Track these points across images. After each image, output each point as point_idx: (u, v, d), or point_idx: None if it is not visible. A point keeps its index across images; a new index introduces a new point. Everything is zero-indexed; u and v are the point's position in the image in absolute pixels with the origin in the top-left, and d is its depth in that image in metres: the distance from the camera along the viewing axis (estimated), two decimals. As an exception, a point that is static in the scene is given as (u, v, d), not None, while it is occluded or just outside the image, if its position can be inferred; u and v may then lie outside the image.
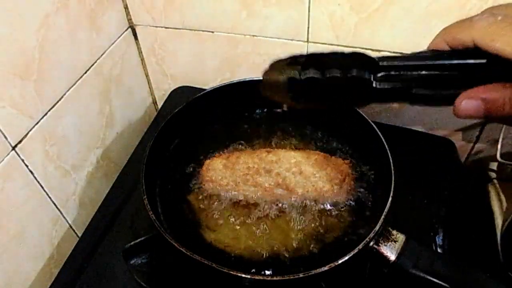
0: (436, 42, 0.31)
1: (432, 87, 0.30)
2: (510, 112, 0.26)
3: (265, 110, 0.63)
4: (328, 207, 0.49)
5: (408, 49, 0.34)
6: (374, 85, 0.32)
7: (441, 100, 0.30)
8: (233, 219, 0.49)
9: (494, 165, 0.66)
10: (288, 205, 0.49)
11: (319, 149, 0.56)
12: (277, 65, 0.38)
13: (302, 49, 0.66)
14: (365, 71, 0.32)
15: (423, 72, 0.31)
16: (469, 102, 0.27)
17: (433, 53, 0.31)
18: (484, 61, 0.28)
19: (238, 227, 0.48)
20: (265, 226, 0.48)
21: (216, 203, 0.50)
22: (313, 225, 0.48)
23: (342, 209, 0.49)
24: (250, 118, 0.62)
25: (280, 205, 0.49)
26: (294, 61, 0.37)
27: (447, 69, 0.30)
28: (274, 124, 0.61)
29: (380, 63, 0.34)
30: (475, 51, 0.28)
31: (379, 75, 0.32)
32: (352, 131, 0.55)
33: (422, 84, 0.30)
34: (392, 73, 0.32)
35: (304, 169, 0.51)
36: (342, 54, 0.36)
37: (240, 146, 0.58)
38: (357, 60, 0.35)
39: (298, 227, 0.48)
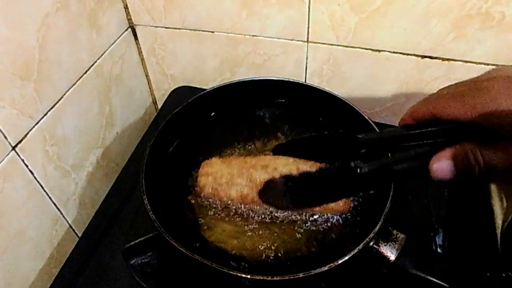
0: (404, 118, 0.37)
1: (408, 160, 0.35)
2: (479, 169, 0.30)
3: (265, 110, 0.63)
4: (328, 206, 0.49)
5: (408, 49, 0.35)
6: (358, 171, 0.36)
7: (420, 170, 0.34)
8: (233, 219, 0.49)
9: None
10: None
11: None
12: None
13: (302, 49, 0.66)
14: (349, 160, 0.37)
15: (399, 151, 0.36)
16: (439, 163, 0.32)
17: (402, 127, 0.37)
18: (444, 126, 0.33)
19: (238, 227, 0.48)
20: (265, 225, 0.48)
21: (215, 201, 0.50)
22: (313, 225, 0.48)
23: (342, 209, 0.49)
24: (250, 118, 0.62)
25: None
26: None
27: (416, 139, 0.35)
28: (274, 124, 0.61)
29: (360, 139, 0.40)
30: (435, 121, 0.34)
31: (362, 163, 0.37)
32: (352, 131, 0.55)
33: (400, 160, 0.35)
34: (374, 161, 0.37)
35: (304, 169, 0.50)
36: (325, 137, 0.43)
37: (240, 146, 0.58)
38: (341, 140, 0.42)
39: (298, 226, 0.48)
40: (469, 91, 0.32)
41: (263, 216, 0.49)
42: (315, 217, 0.49)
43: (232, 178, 0.49)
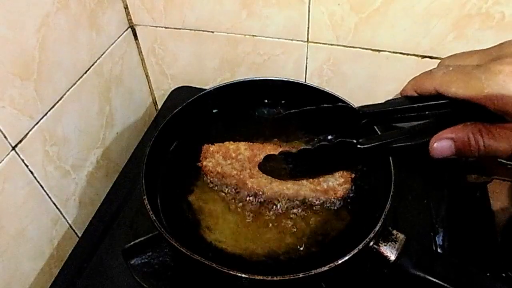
0: (406, 89, 0.37)
1: (408, 138, 0.35)
2: (478, 151, 0.30)
3: (266, 110, 0.63)
4: (328, 206, 0.49)
5: (408, 49, 0.36)
6: (358, 146, 0.36)
7: (419, 148, 0.34)
8: (232, 219, 0.49)
9: (494, 165, 0.67)
10: (287, 204, 0.49)
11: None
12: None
13: (302, 49, 0.66)
14: (349, 134, 0.38)
15: (400, 120, 0.37)
16: (440, 142, 0.32)
17: (404, 98, 0.37)
18: (445, 101, 0.33)
19: (238, 227, 0.48)
20: (265, 225, 0.48)
21: (215, 200, 0.50)
22: (313, 224, 0.48)
23: (342, 209, 0.49)
24: (250, 118, 0.62)
25: (279, 204, 0.49)
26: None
27: (417, 111, 0.36)
28: (275, 124, 0.61)
29: (361, 111, 0.40)
30: (438, 96, 0.33)
31: (362, 139, 0.37)
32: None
33: (400, 138, 0.35)
34: (374, 137, 0.37)
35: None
36: (326, 109, 0.43)
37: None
38: (340, 113, 0.43)
39: (298, 226, 0.48)
40: (477, 71, 0.30)
41: (263, 216, 0.49)
42: (316, 216, 0.49)
43: (233, 175, 0.50)
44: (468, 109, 0.31)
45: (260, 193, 0.49)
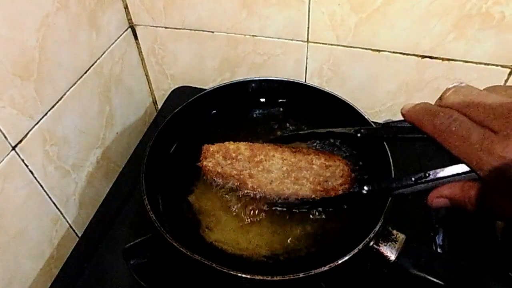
0: (406, 115, 0.36)
1: (409, 186, 0.36)
2: (474, 208, 0.30)
3: (266, 110, 0.63)
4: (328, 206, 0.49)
5: (408, 49, 0.35)
6: (363, 192, 0.39)
7: (419, 195, 0.35)
8: (233, 219, 0.49)
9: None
10: (287, 204, 0.49)
11: (320, 148, 0.56)
12: None
13: (302, 49, 0.66)
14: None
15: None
16: (437, 200, 0.33)
17: (401, 127, 0.37)
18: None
19: (238, 227, 0.48)
20: (265, 225, 0.48)
21: (215, 200, 0.50)
22: (313, 224, 0.48)
23: (342, 209, 0.49)
24: (250, 118, 0.62)
25: (279, 204, 0.49)
26: None
27: (414, 140, 0.36)
28: (275, 124, 0.61)
29: (359, 134, 0.41)
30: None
31: (365, 186, 0.39)
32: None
33: (401, 185, 0.36)
34: (378, 184, 0.39)
35: (304, 168, 0.50)
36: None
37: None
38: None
39: (298, 226, 0.48)
40: (482, 138, 0.27)
41: (263, 216, 0.49)
42: (316, 216, 0.49)
43: (233, 175, 0.50)
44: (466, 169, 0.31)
45: (260, 193, 0.49)
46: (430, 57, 0.60)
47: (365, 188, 0.39)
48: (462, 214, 0.57)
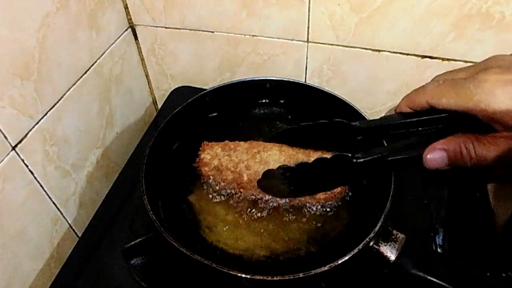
0: (400, 106, 0.38)
1: (404, 151, 0.36)
2: (470, 160, 0.31)
3: (266, 110, 0.63)
4: (328, 206, 0.49)
5: (408, 49, 0.36)
6: (354, 160, 0.37)
7: (415, 160, 0.35)
8: (233, 219, 0.49)
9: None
10: (287, 204, 0.49)
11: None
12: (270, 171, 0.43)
13: (302, 49, 0.66)
14: (345, 150, 0.38)
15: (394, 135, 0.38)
16: (433, 154, 0.33)
17: (398, 115, 0.38)
18: (439, 115, 0.34)
19: (238, 227, 0.48)
20: (265, 225, 0.48)
21: (215, 200, 0.50)
22: (313, 224, 0.48)
23: (341, 209, 0.49)
24: (250, 118, 0.62)
25: (279, 204, 0.49)
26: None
27: (411, 126, 0.37)
28: (275, 124, 0.61)
29: (356, 127, 0.42)
30: (430, 110, 0.35)
31: (358, 153, 0.38)
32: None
33: (395, 152, 0.36)
34: (370, 151, 0.38)
35: (301, 159, 0.50)
36: (322, 125, 0.45)
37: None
38: (336, 128, 0.44)
39: (298, 226, 0.48)
40: (465, 81, 0.32)
41: (263, 216, 0.49)
42: (316, 215, 0.49)
43: (231, 171, 0.50)
44: (460, 122, 0.32)
45: (261, 193, 0.49)
46: (430, 57, 0.60)
47: (358, 155, 0.38)
48: (462, 214, 0.57)
